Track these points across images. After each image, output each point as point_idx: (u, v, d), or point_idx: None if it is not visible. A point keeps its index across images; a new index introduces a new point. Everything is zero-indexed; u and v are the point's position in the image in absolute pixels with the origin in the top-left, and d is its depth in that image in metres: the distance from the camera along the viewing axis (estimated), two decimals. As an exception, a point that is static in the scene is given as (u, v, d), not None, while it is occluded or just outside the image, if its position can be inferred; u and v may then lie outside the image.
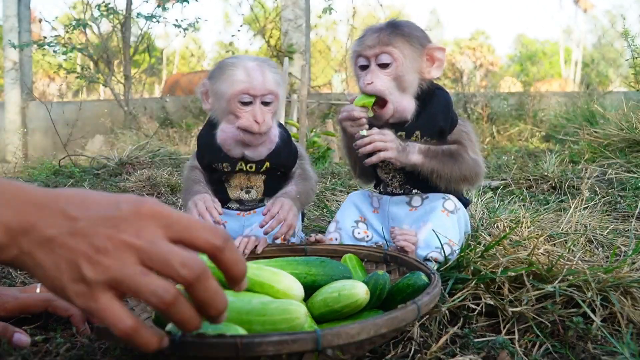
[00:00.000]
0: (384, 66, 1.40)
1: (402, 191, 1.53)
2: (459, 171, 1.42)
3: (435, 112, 1.46)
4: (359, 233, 1.55)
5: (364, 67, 1.43)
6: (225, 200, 1.61)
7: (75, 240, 0.67)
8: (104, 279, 0.66)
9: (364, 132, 1.40)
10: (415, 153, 1.40)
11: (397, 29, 1.41)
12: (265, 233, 1.43)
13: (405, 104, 1.42)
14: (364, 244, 1.50)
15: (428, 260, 1.36)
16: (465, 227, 1.55)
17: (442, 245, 1.34)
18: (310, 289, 1.24)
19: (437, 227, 1.39)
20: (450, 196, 1.47)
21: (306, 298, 1.22)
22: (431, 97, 1.46)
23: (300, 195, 1.52)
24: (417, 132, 1.46)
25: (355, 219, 1.57)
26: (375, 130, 1.40)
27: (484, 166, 1.49)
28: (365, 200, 1.61)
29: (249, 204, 1.61)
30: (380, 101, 1.43)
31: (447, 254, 1.34)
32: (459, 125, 1.49)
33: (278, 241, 1.45)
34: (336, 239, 1.55)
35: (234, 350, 0.79)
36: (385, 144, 1.38)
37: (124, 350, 1.02)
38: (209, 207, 1.43)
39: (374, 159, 1.39)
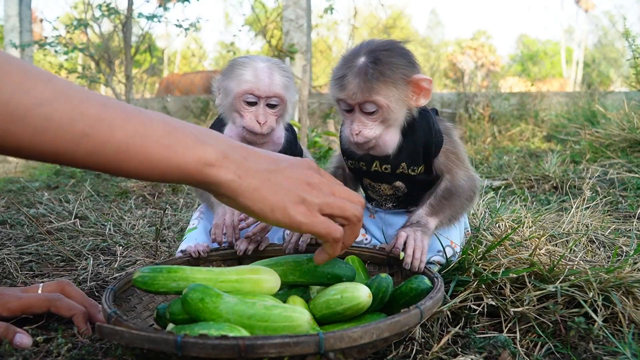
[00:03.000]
0: (369, 113, 1.31)
1: (390, 205, 1.52)
2: (465, 200, 1.40)
3: (417, 141, 1.39)
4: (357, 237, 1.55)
5: (348, 110, 1.34)
6: None
7: (287, 175, 0.91)
8: (319, 202, 0.92)
9: (403, 255, 1.28)
10: (429, 221, 1.35)
11: (377, 68, 1.27)
12: (241, 229, 1.45)
13: (387, 139, 1.35)
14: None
15: (431, 263, 1.36)
16: (465, 225, 1.54)
17: (444, 248, 1.34)
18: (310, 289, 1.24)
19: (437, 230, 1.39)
20: None
21: (308, 298, 1.22)
22: (412, 124, 1.38)
23: None
24: (403, 164, 1.41)
25: None
26: (408, 248, 1.28)
27: (477, 178, 1.45)
28: None
29: None
30: None
31: (449, 256, 1.34)
32: (444, 145, 1.40)
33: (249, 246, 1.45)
34: None
35: (237, 351, 0.80)
36: (419, 245, 1.28)
37: (125, 350, 1.03)
38: (231, 225, 1.46)
39: (422, 265, 1.27)
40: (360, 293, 1.05)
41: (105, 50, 7.73)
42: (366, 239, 1.54)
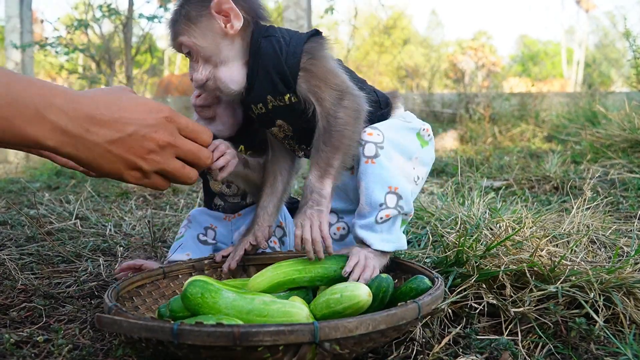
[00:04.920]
0: (189, 57, 1.28)
1: (302, 153, 1.41)
2: (349, 128, 1.20)
3: (267, 69, 1.25)
4: (334, 234, 1.44)
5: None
6: (210, 198, 1.64)
7: (129, 144, 0.97)
8: (155, 169, 1.02)
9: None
10: (322, 186, 1.20)
11: (180, 11, 1.26)
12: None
13: (222, 75, 1.26)
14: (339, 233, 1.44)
15: (384, 222, 1.23)
16: (411, 144, 1.33)
17: (386, 198, 1.22)
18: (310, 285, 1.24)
19: (371, 183, 1.23)
20: (365, 137, 1.23)
21: (309, 300, 1.22)
22: (258, 52, 1.26)
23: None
24: (269, 97, 1.27)
25: None
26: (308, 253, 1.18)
27: (355, 92, 1.24)
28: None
29: (231, 200, 1.62)
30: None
31: (396, 204, 1.23)
32: (301, 68, 1.23)
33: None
34: None
35: (231, 338, 0.80)
36: (316, 235, 1.17)
37: (126, 350, 1.02)
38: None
39: (330, 250, 1.19)
40: (360, 292, 1.05)
41: (106, 50, 7.72)
42: (344, 229, 1.45)
